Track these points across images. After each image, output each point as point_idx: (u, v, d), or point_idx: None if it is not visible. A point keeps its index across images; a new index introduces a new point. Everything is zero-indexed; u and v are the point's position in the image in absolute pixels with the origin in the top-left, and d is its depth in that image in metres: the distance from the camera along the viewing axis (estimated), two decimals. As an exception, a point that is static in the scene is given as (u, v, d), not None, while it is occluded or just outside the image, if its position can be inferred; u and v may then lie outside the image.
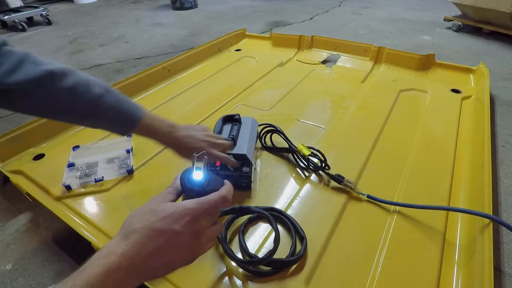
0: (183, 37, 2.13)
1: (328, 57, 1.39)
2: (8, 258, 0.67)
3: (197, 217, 0.32)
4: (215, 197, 0.34)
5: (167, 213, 0.30)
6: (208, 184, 0.36)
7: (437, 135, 0.86)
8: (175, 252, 0.30)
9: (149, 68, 1.21)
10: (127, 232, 0.29)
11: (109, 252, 0.27)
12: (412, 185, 0.70)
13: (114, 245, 0.28)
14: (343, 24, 2.22)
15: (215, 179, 0.37)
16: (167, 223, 0.30)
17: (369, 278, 0.52)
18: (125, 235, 0.29)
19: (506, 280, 0.58)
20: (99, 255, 0.27)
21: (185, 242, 0.31)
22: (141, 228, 0.29)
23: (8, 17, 2.49)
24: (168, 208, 0.31)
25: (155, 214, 0.30)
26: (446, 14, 2.03)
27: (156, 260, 0.29)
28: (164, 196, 0.34)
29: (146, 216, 0.30)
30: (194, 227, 0.31)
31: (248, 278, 0.52)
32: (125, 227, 0.30)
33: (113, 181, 0.74)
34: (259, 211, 0.60)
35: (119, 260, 0.27)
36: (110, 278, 0.26)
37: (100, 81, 0.53)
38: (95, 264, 0.27)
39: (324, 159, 0.70)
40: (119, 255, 0.27)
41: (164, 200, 0.33)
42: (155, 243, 0.29)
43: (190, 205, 0.32)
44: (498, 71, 1.36)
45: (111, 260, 0.27)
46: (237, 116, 0.77)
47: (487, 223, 0.55)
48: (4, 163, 0.83)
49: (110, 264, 0.26)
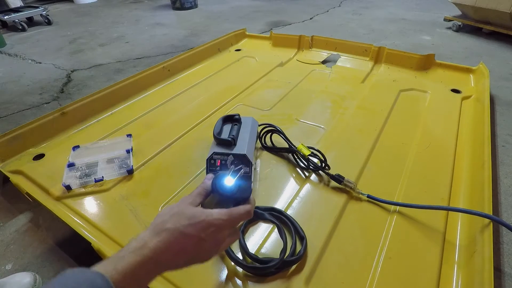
0: (183, 37, 2.12)
1: (328, 57, 1.39)
2: (8, 258, 0.67)
3: (221, 228, 0.35)
4: (242, 211, 0.37)
5: (196, 220, 0.34)
6: (237, 192, 0.38)
7: (437, 135, 0.86)
8: (196, 254, 0.34)
9: (149, 68, 1.21)
10: (159, 229, 0.33)
11: (144, 245, 0.31)
12: (412, 185, 0.70)
13: (147, 238, 0.32)
14: (343, 24, 2.22)
15: (244, 187, 0.39)
16: (195, 229, 0.33)
17: (369, 278, 0.52)
18: (157, 231, 0.33)
19: (506, 280, 0.58)
20: (135, 246, 0.32)
21: (207, 248, 0.35)
22: (172, 229, 0.33)
23: (8, 17, 2.49)
24: (198, 215, 0.34)
25: (186, 218, 0.34)
26: (446, 14, 2.03)
27: (180, 258, 0.33)
28: (194, 198, 0.38)
29: (177, 218, 0.34)
30: (218, 237, 0.35)
31: (248, 278, 0.52)
32: (157, 223, 0.34)
33: (113, 181, 0.74)
34: (272, 220, 0.60)
35: (151, 254, 0.31)
36: (143, 267, 0.30)
37: None
38: (133, 253, 0.31)
39: (324, 159, 0.70)
40: (152, 249, 0.31)
41: (194, 203, 0.37)
42: (181, 245, 0.33)
43: (218, 216, 0.35)
44: (498, 71, 1.36)
45: (145, 252, 0.31)
46: (237, 116, 0.77)
47: (487, 223, 0.55)
48: (4, 163, 0.83)
49: (145, 256, 0.31)
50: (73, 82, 1.53)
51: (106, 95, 1.05)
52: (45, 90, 1.45)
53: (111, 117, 1.03)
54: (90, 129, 0.97)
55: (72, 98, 1.35)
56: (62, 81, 1.54)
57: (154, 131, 0.93)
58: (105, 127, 0.96)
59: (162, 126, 0.95)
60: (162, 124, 0.96)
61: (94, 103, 1.02)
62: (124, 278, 0.29)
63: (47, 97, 1.38)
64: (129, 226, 0.62)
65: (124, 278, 0.29)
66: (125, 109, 1.07)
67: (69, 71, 1.65)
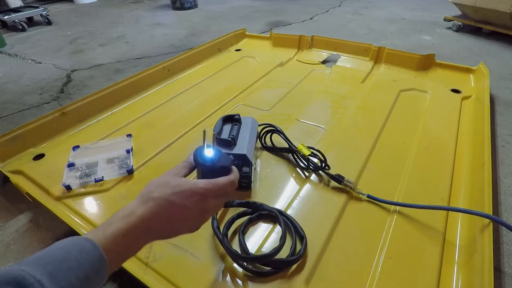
0: (183, 37, 2.12)
1: (328, 57, 1.39)
2: (8, 258, 0.67)
3: (206, 197, 0.36)
4: (225, 180, 0.38)
5: (181, 189, 0.35)
6: (218, 161, 0.39)
7: (437, 135, 0.86)
8: (183, 223, 0.36)
9: (149, 68, 1.21)
10: (145, 199, 0.34)
11: (131, 213, 0.32)
12: (412, 185, 0.70)
13: (134, 207, 0.33)
14: (343, 24, 2.22)
15: (224, 156, 0.41)
16: (180, 198, 0.34)
17: (369, 278, 0.52)
18: (144, 200, 0.34)
19: (506, 280, 0.58)
20: (123, 214, 0.33)
21: (192, 216, 0.36)
22: (158, 197, 0.34)
23: (8, 17, 2.49)
24: (182, 184, 0.35)
25: (171, 187, 0.35)
26: (446, 14, 2.03)
27: (166, 226, 0.34)
28: (179, 170, 0.39)
29: (163, 188, 0.35)
30: (202, 205, 0.36)
31: (248, 278, 0.52)
32: (144, 193, 0.35)
33: (113, 181, 0.74)
34: (271, 210, 0.60)
35: (138, 221, 0.32)
36: (131, 234, 0.31)
37: None
38: (121, 220, 0.32)
39: (324, 159, 0.70)
40: (139, 217, 0.32)
41: (179, 174, 0.38)
42: (167, 213, 0.34)
43: (202, 185, 0.36)
44: (498, 71, 1.36)
45: (132, 220, 0.32)
46: (237, 116, 0.77)
47: (487, 223, 0.55)
48: (4, 163, 0.83)
49: (132, 223, 0.32)
50: (73, 82, 1.52)
51: (106, 95, 1.05)
52: (45, 90, 1.45)
53: (111, 117, 1.03)
54: (90, 129, 0.97)
55: (72, 98, 1.35)
56: (62, 81, 1.54)
57: (154, 131, 0.93)
58: (105, 127, 0.96)
59: (162, 126, 0.95)
60: (162, 124, 0.96)
61: (94, 103, 1.02)
62: (112, 243, 0.30)
63: (47, 97, 1.38)
64: (129, 226, 0.62)
65: (113, 242, 0.30)
66: (125, 109, 1.07)
67: (69, 71, 1.65)
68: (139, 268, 0.54)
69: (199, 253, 0.56)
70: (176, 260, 0.55)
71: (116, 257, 0.31)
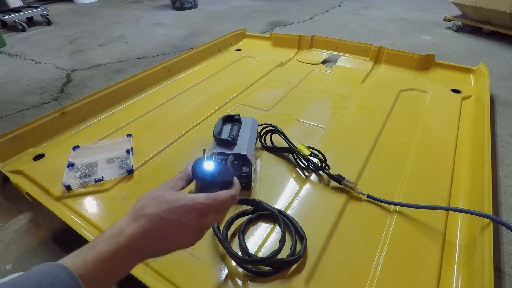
0: (183, 37, 2.12)
1: (328, 57, 1.39)
2: (8, 258, 0.67)
3: (205, 213, 0.33)
4: (226, 195, 0.35)
5: (177, 205, 0.32)
6: (219, 175, 0.36)
7: (437, 135, 0.86)
8: (177, 240, 0.33)
9: (149, 68, 1.21)
10: (138, 215, 0.31)
11: (120, 232, 0.29)
12: (412, 185, 0.70)
13: (124, 225, 0.30)
14: (343, 24, 2.22)
15: (225, 170, 0.38)
16: (176, 214, 0.32)
17: (369, 278, 0.52)
18: (136, 217, 0.31)
19: (506, 280, 0.58)
20: (110, 233, 0.29)
21: (188, 233, 0.33)
22: (151, 214, 0.31)
23: (8, 17, 2.49)
24: (179, 199, 0.32)
25: (166, 203, 0.32)
26: (446, 14, 2.03)
27: (160, 244, 0.32)
28: (176, 182, 0.36)
29: (157, 203, 0.32)
30: (200, 222, 0.33)
31: (248, 278, 0.52)
32: (136, 208, 0.32)
33: (113, 181, 0.74)
34: (270, 209, 0.60)
35: (127, 242, 0.29)
36: (117, 256, 0.29)
37: None
38: (106, 242, 0.29)
39: (324, 159, 0.70)
40: (128, 237, 0.29)
41: (176, 187, 0.35)
42: (161, 231, 0.31)
43: (200, 200, 0.33)
44: (498, 71, 1.36)
45: (121, 240, 0.29)
46: (237, 116, 0.77)
47: (487, 223, 0.55)
48: (4, 163, 0.82)
49: (120, 244, 0.29)
50: (73, 82, 1.52)
51: (106, 95, 1.05)
52: (45, 90, 1.45)
53: (111, 117, 1.03)
54: (90, 129, 0.97)
55: (72, 98, 1.35)
56: (62, 81, 1.54)
57: (154, 131, 0.93)
58: (105, 127, 0.96)
59: (162, 126, 0.95)
60: (162, 124, 0.96)
61: (94, 103, 1.02)
62: (94, 270, 0.27)
63: (47, 97, 1.38)
64: (129, 226, 0.62)
65: (95, 269, 0.27)
66: (125, 109, 1.07)
67: (69, 71, 1.65)
68: (139, 268, 0.54)
69: (199, 253, 0.56)
70: (176, 260, 0.55)
71: (98, 285, 0.27)
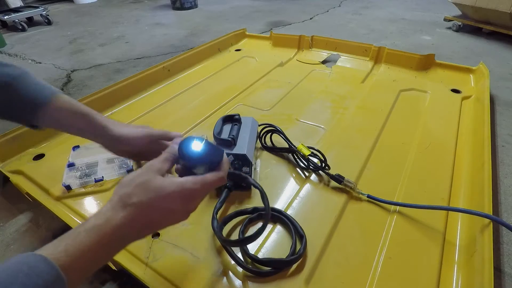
0: (183, 37, 2.12)
1: (328, 57, 1.39)
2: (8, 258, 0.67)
3: (193, 197, 0.33)
4: (213, 178, 0.35)
5: (165, 192, 0.31)
6: (207, 156, 0.35)
7: (437, 135, 0.86)
8: (165, 223, 0.33)
9: (149, 68, 1.21)
10: (123, 203, 0.30)
11: (105, 222, 0.28)
12: (412, 185, 0.70)
13: (109, 214, 0.29)
14: (343, 24, 2.22)
15: (214, 150, 0.36)
16: (164, 201, 0.31)
17: (369, 278, 0.52)
18: (121, 206, 0.30)
19: (506, 280, 0.58)
20: (94, 223, 0.28)
21: (176, 217, 0.33)
22: (139, 203, 0.30)
23: (8, 17, 2.49)
24: (167, 186, 0.31)
25: (153, 191, 0.31)
26: (446, 14, 2.03)
27: (147, 231, 0.32)
28: (161, 165, 0.34)
29: (143, 191, 0.31)
30: (189, 205, 0.33)
31: (248, 278, 0.52)
32: (121, 196, 0.30)
33: (113, 181, 0.74)
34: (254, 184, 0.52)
35: (113, 231, 0.28)
36: (102, 246, 0.28)
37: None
38: (90, 232, 0.27)
39: (324, 159, 0.70)
40: (114, 226, 0.28)
41: (161, 171, 0.34)
42: (149, 218, 0.31)
43: (188, 185, 0.32)
44: (498, 71, 1.36)
45: (106, 231, 0.28)
46: (237, 116, 0.77)
47: (487, 223, 0.55)
48: (4, 163, 0.82)
49: (105, 233, 0.28)
50: (73, 82, 1.52)
51: (106, 95, 1.05)
52: (45, 90, 1.44)
53: (111, 117, 1.03)
54: (90, 129, 0.97)
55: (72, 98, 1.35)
56: (62, 81, 1.54)
57: (154, 131, 0.93)
58: (105, 127, 0.96)
59: (162, 126, 0.95)
60: (162, 124, 0.96)
61: (94, 103, 1.02)
62: (76, 261, 0.26)
63: (47, 97, 1.38)
64: (129, 226, 0.62)
65: (77, 260, 0.26)
66: (125, 109, 1.07)
67: (69, 71, 1.65)
68: (139, 268, 0.54)
69: (199, 253, 0.56)
70: (176, 260, 0.55)
71: (80, 274, 0.26)
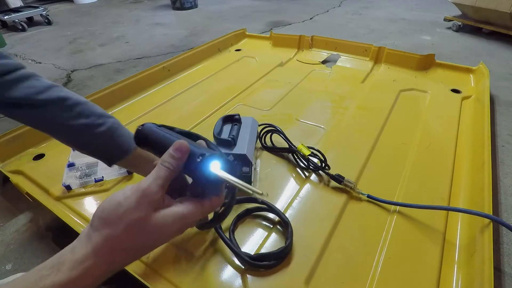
0: (183, 37, 2.12)
1: (328, 57, 1.39)
2: (8, 258, 0.67)
3: (191, 222, 0.30)
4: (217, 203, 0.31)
5: (164, 232, 0.27)
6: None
7: (437, 135, 0.86)
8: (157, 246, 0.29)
9: (149, 68, 1.21)
10: (111, 248, 0.25)
11: (84, 274, 0.24)
12: (412, 185, 0.70)
13: (90, 263, 0.25)
14: (343, 24, 2.22)
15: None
16: (164, 239, 0.28)
17: (369, 278, 0.52)
18: (109, 250, 0.25)
19: (506, 280, 0.58)
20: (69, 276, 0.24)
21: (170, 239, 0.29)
22: (133, 249, 0.26)
23: (8, 17, 2.49)
24: (166, 224, 0.27)
25: (149, 233, 0.26)
26: (446, 14, 2.03)
27: (133, 259, 0.28)
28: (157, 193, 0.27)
29: (139, 236, 0.26)
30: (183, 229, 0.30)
31: (248, 276, 0.52)
32: (108, 237, 0.25)
33: (113, 181, 0.74)
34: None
35: (93, 283, 0.25)
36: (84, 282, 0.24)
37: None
38: (73, 269, 0.24)
39: (324, 159, 0.70)
40: (96, 278, 0.25)
41: (158, 203, 0.27)
42: (141, 251, 0.28)
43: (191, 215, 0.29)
44: (498, 71, 1.36)
45: (85, 284, 0.25)
46: (237, 116, 0.77)
47: (487, 223, 0.55)
48: (4, 163, 0.83)
49: (89, 274, 0.25)
50: (73, 82, 1.52)
51: (106, 95, 1.05)
52: (45, 90, 1.44)
53: (111, 117, 1.03)
54: (90, 129, 0.97)
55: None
56: (62, 81, 1.54)
57: (154, 131, 0.93)
58: (105, 127, 0.96)
59: (162, 126, 0.95)
60: (162, 124, 0.96)
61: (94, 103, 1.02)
62: None
63: (47, 97, 1.38)
64: (129, 226, 0.62)
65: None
66: (125, 109, 1.07)
67: (69, 71, 1.65)
68: (139, 268, 0.54)
69: (199, 253, 0.56)
70: (176, 260, 0.55)
71: None
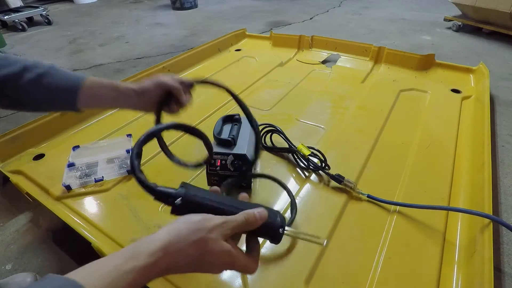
0: (183, 37, 2.13)
1: (328, 57, 1.39)
2: (8, 258, 0.67)
3: (236, 266, 0.34)
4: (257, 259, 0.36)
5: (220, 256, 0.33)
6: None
7: (437, 135, 0.86)
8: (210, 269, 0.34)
9: (149, 68, 1.21)
10: (181, 263, 0.31)
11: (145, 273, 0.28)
12: (412, 185, 0.70)
13: (152, 269, 0.29)
14: (343, 24, 2.22)
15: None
16: (218, 258, 0.33)
17: (369, 278, 0.52)
18: (179, 265, 0.31)
19: (506, 280, 0.58)
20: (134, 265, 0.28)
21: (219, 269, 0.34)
22: (196, 265, 0.32)
23: (8, 17, 2.49)
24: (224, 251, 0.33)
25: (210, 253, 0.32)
26: (446, 14, 2.03)
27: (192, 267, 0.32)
28: (231, 227, 0.34)
29: (204, 249, 0.32)
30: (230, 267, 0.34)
31: (248, 277, 0.52)
32: (181, 255, 0.31)
33: (113, 181, 0.74)
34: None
35: (147, 280, 0.29)
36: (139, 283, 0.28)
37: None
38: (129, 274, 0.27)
39: (324, 159, 0.70)
40: (151, 277, 0.29)
41: (227, 234, 0.34)
42: (198, 265, 0.32)
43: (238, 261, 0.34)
44: (498, 71, 1.36)
45: (141, 280, 0.28)
46: (237, 116, 0.77)
47: (487, 223, 0.55)
48: (4, 163, 0.82)
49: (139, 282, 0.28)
50: (73, 82, 1.52)
51: (106, 95, 1.05)
52: (45, 90, 1.44)
53: (111, 117, 1.03)
54: (90, 129, 0.97)
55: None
56: (62, 81, 1.54)
57: (154, 131, 0.93)
58: (105, 127, 0.96)
59: (162, 126, 0.95)
60: (162, 124, 0.96)
61: (94, 103, 1.02)
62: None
63: (47, 97, 1.38)
64: (129, 226, 0.62)
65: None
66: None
67: (69, 71, 1.65)
68: (139, 268, 0.54)
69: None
70: (176, 260, 0.55)
71: None
